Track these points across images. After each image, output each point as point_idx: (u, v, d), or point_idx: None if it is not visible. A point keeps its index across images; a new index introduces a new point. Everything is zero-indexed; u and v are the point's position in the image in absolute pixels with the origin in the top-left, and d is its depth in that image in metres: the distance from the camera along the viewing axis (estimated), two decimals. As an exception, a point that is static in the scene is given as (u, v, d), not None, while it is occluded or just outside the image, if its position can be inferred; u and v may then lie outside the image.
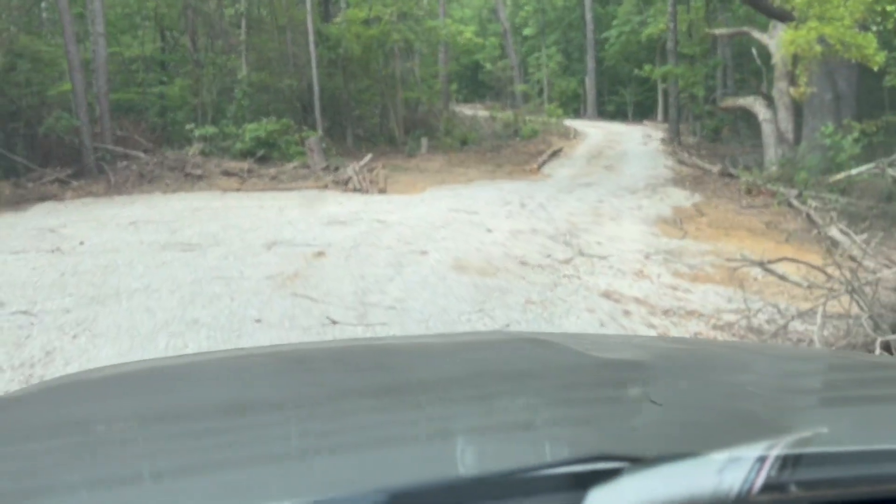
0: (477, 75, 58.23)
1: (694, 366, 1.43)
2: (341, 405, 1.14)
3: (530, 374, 1.33)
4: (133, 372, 1.53)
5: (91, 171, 15.98)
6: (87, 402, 1.24)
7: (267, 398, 1.19)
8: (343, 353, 1.64)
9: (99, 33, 17.48)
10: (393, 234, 9.01)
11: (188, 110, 21.27)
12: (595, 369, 1.37)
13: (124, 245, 8.28)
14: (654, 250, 8.60)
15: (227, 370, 1.43)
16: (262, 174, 16.78)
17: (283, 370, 1.43)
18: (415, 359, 1.55)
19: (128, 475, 0.86)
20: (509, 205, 12.59)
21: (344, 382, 1.31)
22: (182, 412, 1.13)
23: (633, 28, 40.03)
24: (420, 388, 1.25)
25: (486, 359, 1.50)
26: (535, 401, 1.18)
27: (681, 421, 1.01)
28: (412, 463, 0.87)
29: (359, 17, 23.09)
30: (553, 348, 1.58)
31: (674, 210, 12.55)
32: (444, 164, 20.39)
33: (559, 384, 1.28)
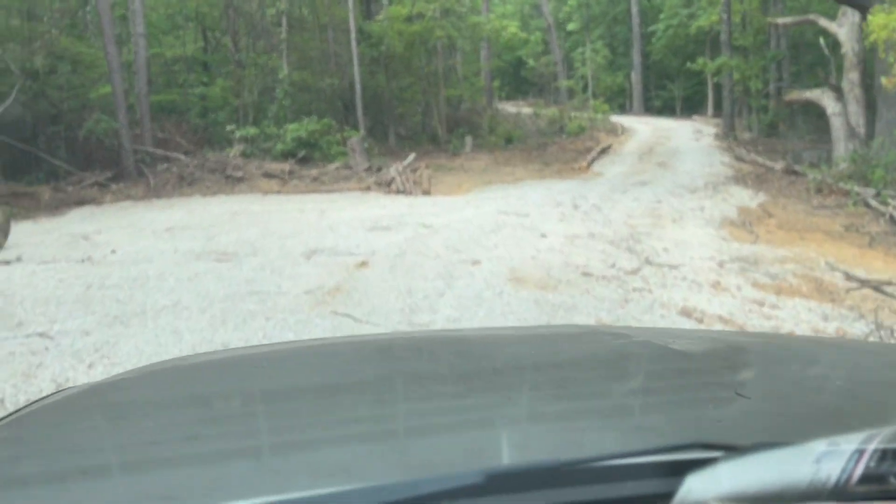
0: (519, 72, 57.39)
1: (778, 360, 1.42)
2: (430, 390, 1.19)
3: (616, 365, 1.36)
4: (227, 359, 1.61)
5: (130, 173, 15.71)
6: (186, 385, 1.31)
7: (357, 383, 1.23)
8: (424, 343, 1.66)
9: (139, 34, 17.23)
10: (440, 240, 8.39)
11: (229, 111, 20.98)
12: (679, 362, 1.36)
13: (157, 254, 7.82)
14: (727, 257, 7.83)
15: (316, 357, 1.49)
16: (304, 175, 16.34)
17: (369, 357, 1.46)
18: (497, 348, 1.56)
19: (242, 448, 0.93)
20: (561, 206, 11.88)
21: (429, 369, 1.35)
22: (279, 394, 1.19)
23: (681, 21, 38.89)
24: (508, 376, 1.27)
25: (568, 349, 1.50)
26: (625, 390, 1.20)
27: (771, 412, 1.02)
28: (509, 445, 0.90)
29: (401, 14, 22.54)
30: (635, 341, 1.58)
31: (739, 211, 11.71)
32: (490, 163, 19.73)
33: (646, 375, 1.29)
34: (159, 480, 0.85)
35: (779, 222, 10.77)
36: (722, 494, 0.68)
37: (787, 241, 9.10)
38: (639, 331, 2.50)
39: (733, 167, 17.78)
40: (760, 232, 9.85)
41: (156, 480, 0.86)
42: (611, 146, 23.87)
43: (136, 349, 4.52)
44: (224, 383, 1.32)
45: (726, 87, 25.74)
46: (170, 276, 6.63)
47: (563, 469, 0.74)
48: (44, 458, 0.97)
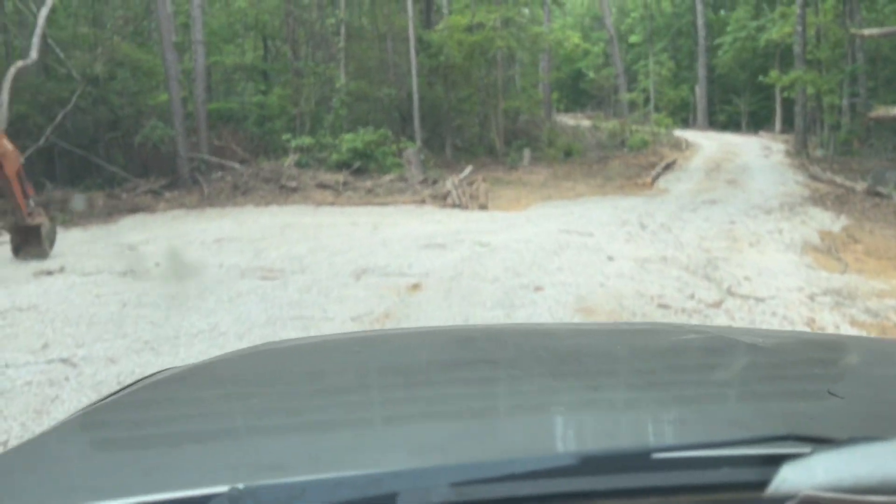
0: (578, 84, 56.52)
1: (869, 360, 1.39)
2: (516, 376, 1.22)
3: (705, 360, 1.36)
4: (321, 342, 1.68)
5: (185, 181, 15.58)
6: (288, 364, 1.40)
7: (447, 366, 1.30)
8: (508, 334, 1.68)
9: (198, 41, 17.15)
10: (499, 260, 7.81)
11: (286, 120, 20.82)
12: (768, 358, 1.35)
13: (201, 268, 7.44)
14: (817, 289, 7.06)
15: (407, 342, 1.55)
16: (358, 187, 15.97)
17: (456, 345, 1.48)
18: (581, 340, 1.56)
19: (344, 421, 0.99)
20: (627, 225, 11.18)
21: (515, 357, 1.37)
22: (375, 374, 1.27)
23: (749, 34, 37.61)
24: (594, 366, 1.30)
25: (654, 344, 1.50)
26: (716, 383, 1.22)
27: (863, 410, 1.02)
28: (603, 431, 0.94)
29: (461, 24, 22.11)
30: (721, 338, 1.58)
31: (821, 235, 10.83)
32: (549, 177, 19.08)
33: (735, 370, 1.31)
34: (267, 448, 0.92)
35: (866, 249, 9.88)
36: (816, 485, 0.68)
37: (880, 272, 8.25)
38: (724, 329, 2.41)
39: (809, 187, 16.76)
40: (849, 260, 9.00)
41: (264, 448, 0.92)
42: (675, 161, 22.96)
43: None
44: (322, 363, 1.38)
45: (799, 102, 24.56)
46: (211, 294, 6.21)
47: (661, 455, 0.76)
48: (161, 424, 1.06)
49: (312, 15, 23.06)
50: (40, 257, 8.54)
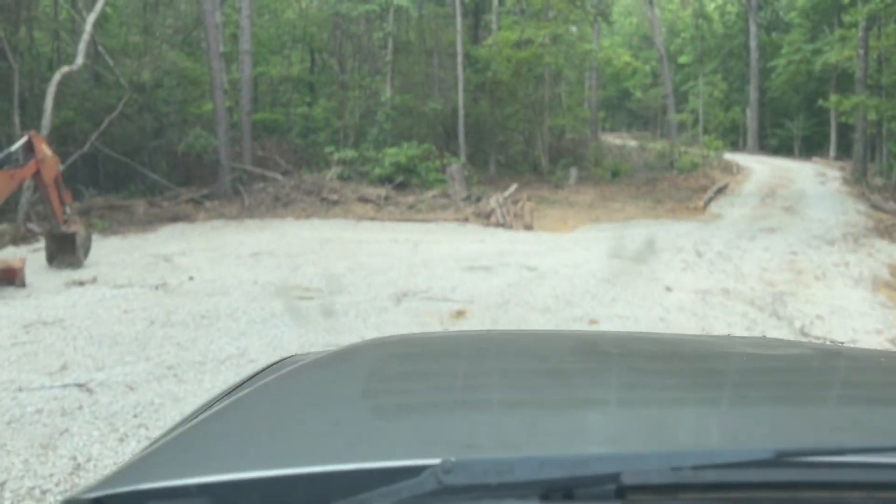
0: (624, 103, 55.89)
1: None
2: (650, 378, 1.25)
3: (844, 377, 1.38)
4: (448, 337, 1.84)
5: (227, 191, 15.40)
6: (454, 350, 1.46)
7: (587, 366, 1.33)
8: (632, 341, 1.67)
9: (245, 51, 17.04)
10: (548, 287, 7.34)
11: (330, 132, 20.64)
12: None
13: (235, 285, 7.11)
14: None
15: (539, 342, 1.55)
16: (400, 202, 15.62)
17: (582, 347, 1.49)
18: (704, 351, 1.54)
19: (529, 402, 1.06)
20: (682, 252, 10.61)
21: (642, 364, 1.38)
22: (528, 368, 1.30)
23: (804, 57, 36.58)
24: (726, 376, 1.33)
25: (773, 357, 1.52)
26: (869, 396, 1.24)
27: None
28: (770, 429, 0.98)
29: (510, 40, 21.74)
30: (837, 354, 1.63)
31: (891, 270, 10.12)
32: (596, 198, 18.52)
33: (857, 383, 1.33)
34: (477, 425, 0.97)
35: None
36: None
37: (966, 314, 7.56)
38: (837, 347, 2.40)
39: (872, 217, 15.94)
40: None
41: (474, 424, 0.97)
42: (727, 185, 22.20)
43: (181, 416, 3.69)
44: (478, 353, 1.41)
45: (859, 128, 23.64)
46: (243, 314, 5.85)
47: (854, 455, 0.82)
48: (369, 397, 1.13)
49: (360, 28, 22.94)
50: (74, 266, 8.32)
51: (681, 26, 50.12)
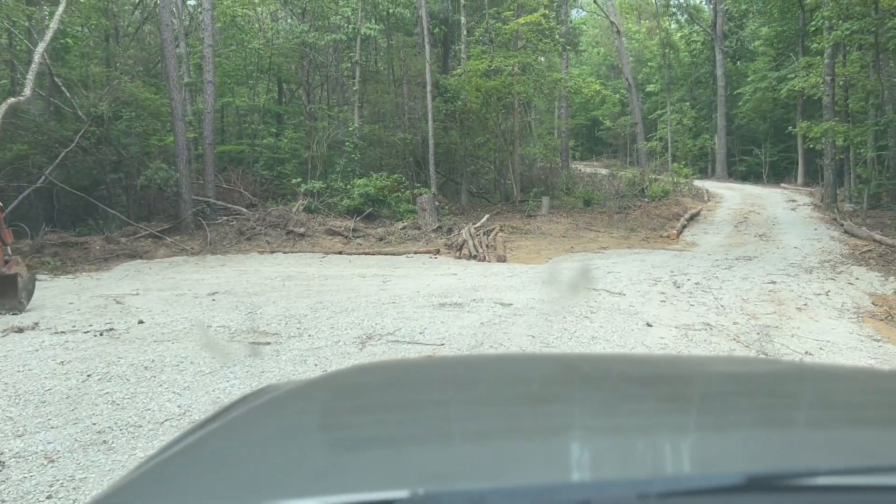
0: (594, 132, 56.34)
1: None
2: (629, 400, 1.23)
3: (827, 397, 1.35)
4: (423, 364, 1.75)
5: (188, 226, 14.85)
6: (429, 377, 1.44)
7: (565, 390, 1.30)
8: (610, 362, 1.65)
9: (208, 81, 16.58)
10: (523, 326, 6.92)
11: (297, 163, 20.20)
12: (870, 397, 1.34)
13: (187, 329, 6.59)
14: (891, 367, 6.10)
15: (513, 366, 1.52)
16: (369, 234, 15.18)
17: (554, 373, 1.43)
18: (684, 371, 1.53)
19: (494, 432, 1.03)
20: (660, 283, 10.28)
21: (622, 387, 1.35)
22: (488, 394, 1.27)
23: (769, 84, 37.02)
24: (704, 395, 1.30)
25: (762, 377, 1.48)
26: (851, 417, 1.20)
27: None
28: (741, 454, 0.95)
29: (479, 69, 21.56)
30: (824, 374, 1.57)
31: (873, 298, 9.87)
32: (569, 227, 18.24)
33: (856, 405, 1.29)
34: (445, 455, 0.95)
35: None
36: None
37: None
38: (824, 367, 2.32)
39: (846, 243, 15.81)
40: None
41: (442, 455, 0.95)
42: (700, 213, 22.11)
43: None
44: (453, 379, 1.39)
45: (828, 154, 23.75)
46: (190, 364, 5.34)
47: (827, 476, 0.80)
48: (339, 428, 1.11)
49: (328, 58, 22.63)
50: (15, 311, 7.73)
51: (648, 55, 50.76)
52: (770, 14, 35.94)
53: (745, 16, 42.83)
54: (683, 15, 48.16)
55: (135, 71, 18.87)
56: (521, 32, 22.91)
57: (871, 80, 21.37)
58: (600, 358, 1.82)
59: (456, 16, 23.29)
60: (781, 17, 34.66)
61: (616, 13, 35.55)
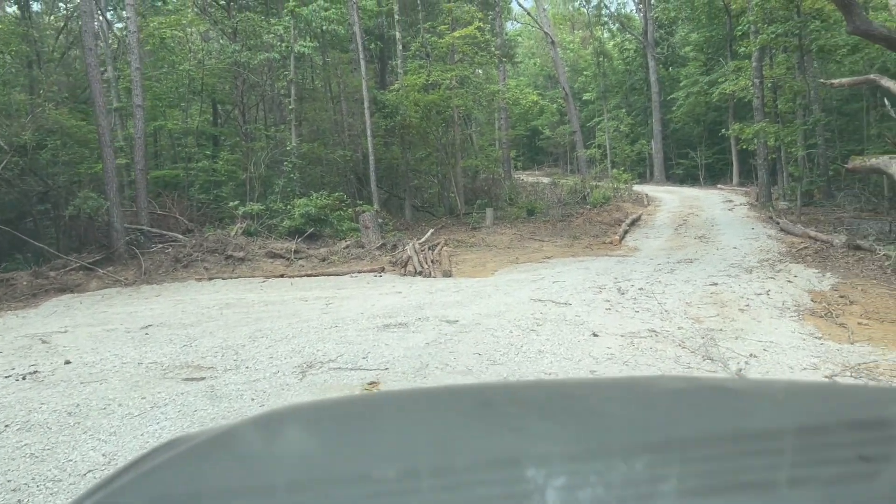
0: (534, 142, 56.91)
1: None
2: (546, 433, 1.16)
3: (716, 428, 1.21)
4: (345, 403, 1.61)
5: (121, 256, 14.33)
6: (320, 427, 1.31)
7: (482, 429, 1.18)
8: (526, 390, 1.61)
9: (137, 105, 16.09)
10: (470, 343, 6.78)
11: (235, 186, 19.76)
12: (800, 422, 1.21)
13: (117, 368, 6.25)
14: (835, 366, 6.16)
15: (422, 404, 1.42)
16: (311, 255, 14.88)
17: (476, 408, 1.33)
18: (592, 398, 1.40)
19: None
20: (604, 290, 10.28)
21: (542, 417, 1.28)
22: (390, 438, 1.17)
23: (701, 88, 37.95)
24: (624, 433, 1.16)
25: (663, 397, 1.39)
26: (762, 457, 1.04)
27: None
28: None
29: (417, 83, 21.51)
30: (732, 393, 1.46)
31: (812, 295, 10.03)
32: (514, 238, 18.23)
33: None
34: None
35: (865, 310, 9.08)
36: None
37: (893, 340, 7.40)
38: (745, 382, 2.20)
39: (783, 241, 16.16)
40: (850, 324, 8.17)
41: None
42: (640, 217, 22.40)
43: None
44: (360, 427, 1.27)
45: (761, 154, 24.36)
46: (119, 406, 5.04)
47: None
48: None
49: (262, 77, 22.26)
50: (-70, 357, 7.26)
51: (583, 64, 51.58)
52: (698, 20, 36.88)
53: (675, 23, 43.88)
54: (615, 24, 49.14)
55: (60, 97, 18.21)
56: (457, 46, 22.95)
57: (797, 82, 22.01)
58: (511, 386, 1.74)
59: (391, 31, 23.20)
60: (709, 23, 35.59)
61: (550, 24, 35.99)
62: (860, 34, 11.90)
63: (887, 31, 11.77)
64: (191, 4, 22.70)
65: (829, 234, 15.46)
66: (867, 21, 11.76)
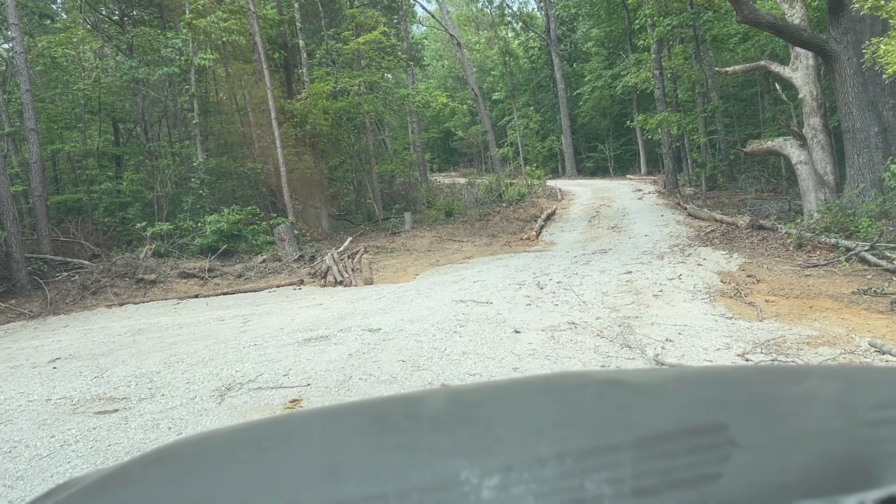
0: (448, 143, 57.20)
1: (773, 399, 1.27)
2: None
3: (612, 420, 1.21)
4: (259, 427, 1.47)
5: (24, 287, 13.62)
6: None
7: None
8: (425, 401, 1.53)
9: (30, 129, 15.34)
10: (393, 351, 6.73)
11: (141, 206, 19.09)
12: (675, 410, 1.23)
13: (23, 406, 5.92)
14: (745, 344, 6.40)
15: (321, 424, 1.36)
16: (226, 272, 14.50)
17: (367, 426, 1.28)
18: (500, 404, 1.36)
19: None
20: (524, 286, 10.41)
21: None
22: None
23: (605, 82, 38.94)
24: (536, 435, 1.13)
25: (558, 401, 1.36)
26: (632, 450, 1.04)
27: (771, 467, 0.94)
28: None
29: (324, 91, 21.29)
30: (629, 388, 1.44)
31: (721, 277, 10.43)
32: (434, 240, 18.27)
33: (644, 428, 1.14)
34: None
35: (771, 288, 9.50)
36: None
37: (797, 314, 7.76)
38: (634, 374, 2.23)
39: (691, 226, 16.76)
40: (759, 302, 8.52)
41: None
42: (555, 212, 22.81)
43: None
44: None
45: (665, 143, 25.21)
46: (26, 448, 4.77)
47: None
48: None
49: (164, 93, 21.60)
50: None
51: (490, 64, 52.21)
52: (598, 16, 37.84)
53: (576, 19, 44.90)
54: (519, 23, 49.88)
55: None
56: (363, 51, 22.85)
57: (695, 71, 22.88)
58: (414, 397, 1.73)
59: (294, 39, 22.89)
60: (609, 18, 36.56)
61: (454, 26, 36.25)
62: (749, 23, 12.46)
63: (774, 19, 12.36)
64: (81, 21, 21.81)
65: (734, 217, 16.12)
66: (755, 10, 12.32)
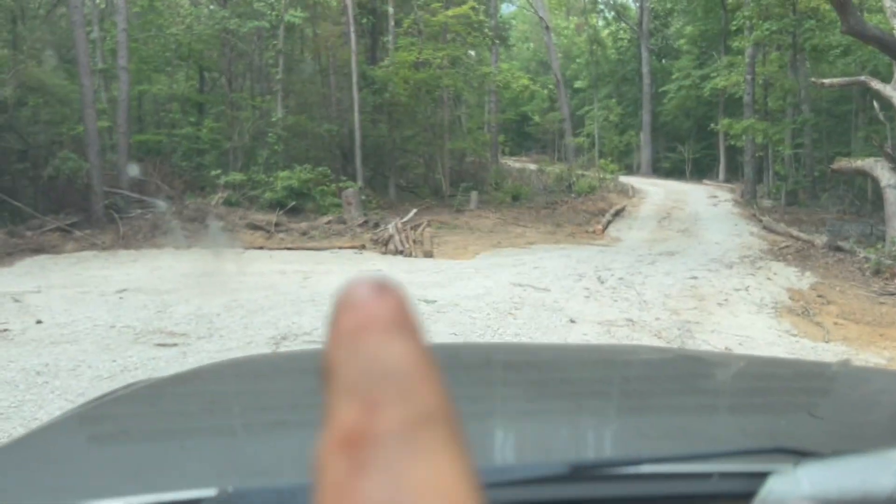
0: (523, 127, 56.68)
1: (847, 384, 1.41)
2: (506, 391, 1.28)
3: (687, 382, 1.39)
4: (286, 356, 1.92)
5: (100, 219, 14.12)
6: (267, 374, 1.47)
7: None
8: (494, 351, 1.82)
9: (122, 68, 15.82)
10: (447, 324, 6.74)
11: (218, 155, 19.53)
12: (752, 382, 1.41)
13: (89, 330, 6.16)
14: (808, 363, 6.18)
15: None
16: (292, 228, 14.76)
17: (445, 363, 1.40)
18: (564, 361, 1.57)
19: None
20: (584, 278, 10.28)
21: (506, 375, 1.45)
22: None
23: (693, 82, 37.95)
24: (580, 386, 1.31)
25: (640, 367, 1.55)
26: (703, 401, 1.24)
27: (843, 428, 1.07)
28: (590, 443, 1.01)
29: (407, 61, 21.29)
30: (700, 361, 1.71)
31: (790, 293, 10.10)
32: (497, 222, 18.20)
33: (720, 391, 1.35)
34: (257, 452, 0.97)
35: (841, 311, 9.15)
36: (802, 496, 0.69)
37: (866, 341, 7.47)
38: (704, 353, 2.52)
39: (766, 239, 16.26)
40: (826, 323, 8.23)
41: (253, 452, 0.97)
42: (624, 208, 22.43)
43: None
44: (294, 374, 1.40)
45: (748, 151, 24.47)
46: (88, 368, 4.96)
47: (650, 467, 0.78)
48: (152, 426, 1.13)
49: (251, 46, 21.96)
50: None
51: (576, 52, 51.38)
52: (694, 13, 36.83)
53: (670, 14, 43.82)
54: (611, 12, 48.95)
55: (44, 55, 17.86)
56: (450, 25, 22.75)
57: (789, 80, 22.07)
58: (488, 347, 1.90)
59: (384, 6, 22.94)
60: (705, 17, 35.55)
61: (545, 9, 35.80)
62: (854, 34, 11.93)
63: (880, 33, 11.80)
64: (181, -33, 22.32)
65: (811, 235, 15.57)
66: (862, 21, 11.78)
